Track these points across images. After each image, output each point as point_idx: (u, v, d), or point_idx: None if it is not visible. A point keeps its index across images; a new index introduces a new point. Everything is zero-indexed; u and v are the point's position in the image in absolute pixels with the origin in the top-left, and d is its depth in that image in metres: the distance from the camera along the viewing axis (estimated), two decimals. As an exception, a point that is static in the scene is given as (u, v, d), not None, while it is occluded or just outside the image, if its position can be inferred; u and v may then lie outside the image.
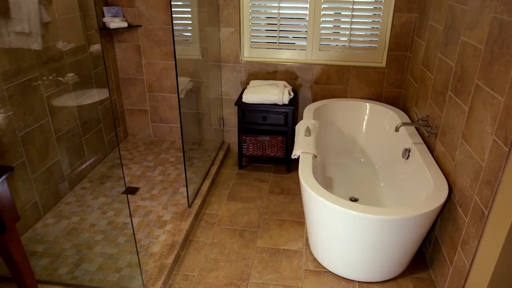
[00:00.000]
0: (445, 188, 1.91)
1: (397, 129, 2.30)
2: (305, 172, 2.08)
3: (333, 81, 3.08)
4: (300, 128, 2.58)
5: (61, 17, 2.63)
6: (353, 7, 2.84)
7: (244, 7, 3.01)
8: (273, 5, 2.96)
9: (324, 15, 2.92)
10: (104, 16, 3.08)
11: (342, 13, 2.89)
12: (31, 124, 2.37)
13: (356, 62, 3.02)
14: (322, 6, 2.89)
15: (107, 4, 3.12)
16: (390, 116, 2.81)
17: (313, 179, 2.01)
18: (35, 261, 2.16)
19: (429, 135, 2.26)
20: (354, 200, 2.57)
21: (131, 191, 2.82)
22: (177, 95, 3.18)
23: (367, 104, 2.94)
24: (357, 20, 2.88)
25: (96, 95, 3.07)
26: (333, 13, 2.90)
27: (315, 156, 2.27)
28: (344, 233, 1.89)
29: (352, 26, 2.91)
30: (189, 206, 2.60)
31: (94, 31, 2.99)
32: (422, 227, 1.84)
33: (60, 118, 2.64)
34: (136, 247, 1.87)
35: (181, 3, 3.02)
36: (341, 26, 2.93)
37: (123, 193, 2.80)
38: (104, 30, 3.10)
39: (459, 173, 1.87)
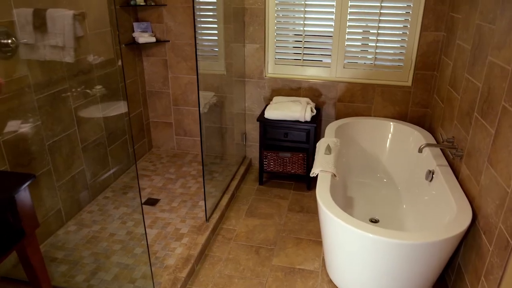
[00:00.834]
0: (469, 213, 1.83)
1: (420, 150, 2.24)
2: (322, 191, 2.04)
3: (357, 99, 3.04)
4: (320, 146, 2.55)
5: (92, 31, 2.74)
6: (379, 25, 2.81)
7: (270, 24, 3.05)
8: (298, 22, 2.97)
9: (350, 32, 2.90)
10: (133, 31, 3.18)
11: (368, 31, 2.86)
12: (59, 133, 2.46)
13: (381, 81, 2.97)
14: (348, 23, 2.88)
15: (137, 20, 3.23)
16: (414, 136, 2.74)
17: (330, 198, 1.97)
18: (54, 267, 2.21)
19: (453, 158, 2.18)
20: (374, 221, 2.50)
21: (152, 202, 2.86)
22: (201, 109, 3.22)
23: (391, 123, 2.88)
24: (383, 38, 2.85)
25: (122, 107, 3.15)
26: (358, 31, 2.88)
27: (334, 175, 2.23)
28: (361, 256, 1.83)
29: (377, 44, 2.87)
30: (207, 220, 2.60)
31: (123, 45, 3.10)
32: (442, 254, 1.76)
33: (86, 129, 2.72)
34: (150, 259, 1.88)
35: (208, 19, 3.08)
36: (366, 44, 2.90)
37: (144, 203, 2.85)
38: (133, 44, 3.20)
39: (484, 199, 1.79)
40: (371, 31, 2.86)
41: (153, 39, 3.17)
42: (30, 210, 1.65)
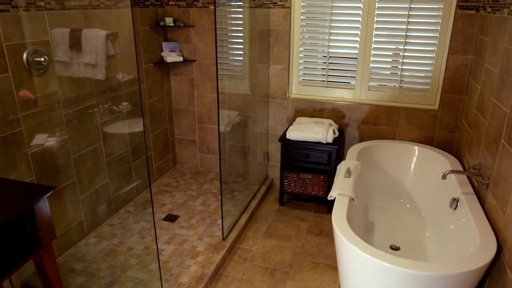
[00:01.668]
0: (493, 246, 1.73)
1: (444, 177, 2.15)
2: (338, 215, 1.99)
3: (382, 122, 2.98)
4: (340, 168, 2.51)
5: (122, 50, 2.85)
6: (405, 47, 2.77)
7: (294, 45, 3.07)
8: (323, 43, 2.98)
9: (375, 54, 2.87)
10: (162, 51, 3.29)
11: (393, 53, 2.82)
12: (84, 147, 2.55)
13: (406, 104, 2.90)
14: (373, 45, 2.85)
15: (166, 40, 3.34)
16: (440, 161, 2.64)
17: (346, 223, 1.92)
18: (72, 278, 2.26)
19: (479, 186, 2.08)
20: (395, 248, 2.40)
21: (171, 218, 2.88)
22: (224, 127, 3.26)
23: (416, 147, 2.79)
24: (409, 60, 2.80)
25: (148, 124, 3.24)
26: (384, 53, 2.85)
27: (352, 199, 2.18)
28: (377, 285, 1.76)
29: (403, 67, 2.82)
30: (224, 239, 2.59)
31: (151, 64, 3.20)
32: (462, 287, 1.66)
33: (112, 144, 2.81)
34: (161, 276, 1.89)
35: (234, 40, 3.15)
36: (392, 66, 2.86)
37: (164, 219, 2.88)
38: (162, 63, 3.30)
39: (510, 231, 1.69)
40: (396, 53, 2.82)
41: (181, 59, 3.26)
42: (48, 221, 1.70)
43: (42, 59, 2.18)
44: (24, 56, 2.09)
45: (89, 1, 2.49)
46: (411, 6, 2.68)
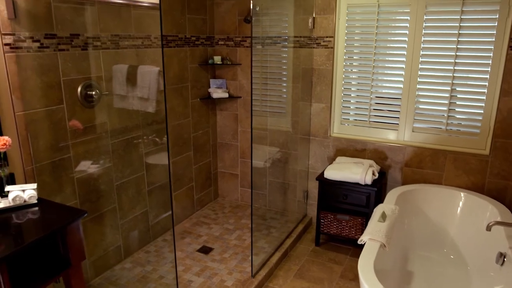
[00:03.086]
0: (538, 310, 1.53)
1: (488, 228, 1.98)
2: (365, 262, 1.89)
3: (426, 165, 2.83)
4: (376, 212, 2.40)
5: (171, 86, 3.04)
6: (452, 88, 2.66)
7: (337, 84, 3.07)
8: (366, 83, 2.95)
9: (420, 95, 2.78)
10: (209, 87, 3.45)
11: (440, 94, 2.71)
12: (127, 175, 2.70)
13: (453, 147, 2.75)
14: (418, 86, 2.77)
15: (214, 77, 3.50)
16: (489, 211, 2.43)
17: (372, 271, 1.82)
18: (103, 301, 2.35)
19: (527, 241, 1.88)
20: (434, 303, 2.21)
21: (205, 250, 2.91)
22: (264, 163, 3.29)
23: (462, 193, 2.60)
24: (457, 102, 2.67)
25: (191, 156, 3.36)
26: (429, 94, 2.75)
27: (383, 246, 2.07)
28: None
29: (450, 108, 2.70)
30: (253, 276, 2.56)
31: (198, 99, 3.36)
32: None
33: (154, 173, 2.94)
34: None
35: (279, 78, 3.22)
36: (438, 108, 2.74)
37: (198, 250, 2.91)
38: (208, 99, 3.45)
39: (558, 295, 1.49)
40: (443, 94, 2.70)
41: (226, 95, 3.39)
42: (79, 243, 1.80)
43: (93, 92, 2.39)
44: (79, 89, 2.31)
45: (142, 41, 2.72)
46: (458, 46, 2.59)
